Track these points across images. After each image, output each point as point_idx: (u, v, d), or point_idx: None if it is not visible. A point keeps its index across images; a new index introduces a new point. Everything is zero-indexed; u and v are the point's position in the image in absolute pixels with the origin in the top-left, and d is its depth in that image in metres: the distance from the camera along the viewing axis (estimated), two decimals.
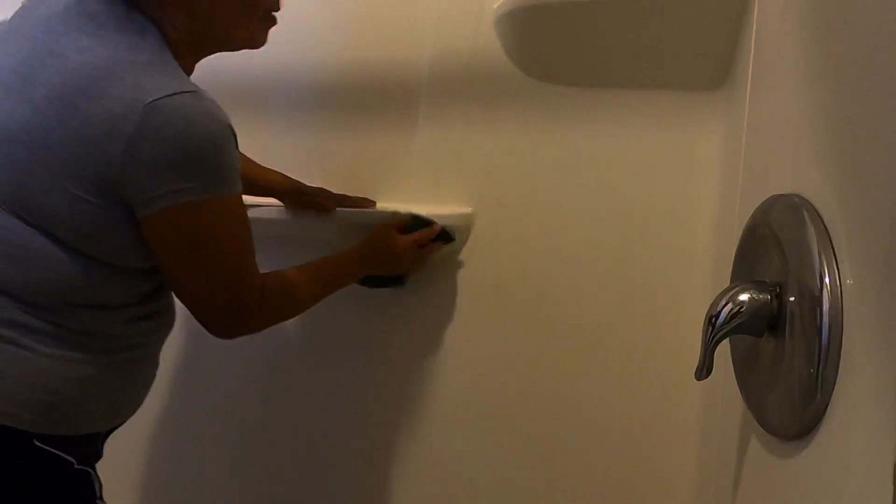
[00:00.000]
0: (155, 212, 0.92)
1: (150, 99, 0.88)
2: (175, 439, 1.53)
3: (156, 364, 1.08)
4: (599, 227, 1.25)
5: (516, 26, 1.23)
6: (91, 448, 1.03)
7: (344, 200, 1.30)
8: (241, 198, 0.99)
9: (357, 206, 1.30)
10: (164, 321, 1.07)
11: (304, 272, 1.14)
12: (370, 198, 1.32)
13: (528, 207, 1.28)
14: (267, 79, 1.40)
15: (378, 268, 1.26)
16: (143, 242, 0.96)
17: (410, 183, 1.32)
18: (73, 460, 0.99)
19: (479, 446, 1.34)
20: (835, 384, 0.63)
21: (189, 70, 1.00)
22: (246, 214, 1.01)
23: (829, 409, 0.63)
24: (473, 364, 1.33)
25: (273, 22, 1.05)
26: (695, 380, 0.81)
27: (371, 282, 1.31)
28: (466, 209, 1.30)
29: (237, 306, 1.03)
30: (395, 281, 1.32)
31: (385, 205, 1.32)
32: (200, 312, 1.03)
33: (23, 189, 0.92)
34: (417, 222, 1.27)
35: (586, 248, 1.26)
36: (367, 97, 1.36)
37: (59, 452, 0.97)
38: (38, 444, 0.95)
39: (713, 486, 1.06)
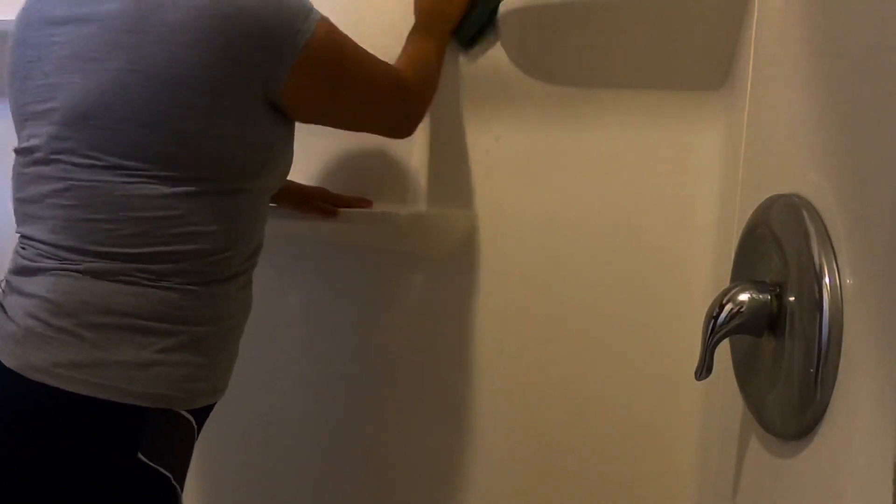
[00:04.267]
0: (289, 69, 0.93)
1: None
2: None
3: None
4: (599, 227, 1.25)
5: (516, 26, 1.23)
6: None
7: (340, 200, 1.30)
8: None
9: (352, 207, 1.30)
10: None
11: (406, 55, 1.16)
12: (369, 198, 1.32)
13: (529, 207, 1.28)
14: None
15: (434, 12, 1.23)
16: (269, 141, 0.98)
17: (410, 183, 1.32)
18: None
19: (478, 446, 1.34)
20: (835, 384, 0.63)
21: None
22: None
23: (829, 409, 0.63)
24: (472, 363, 1.33)
25: None
26: (695, 380, 0.81)
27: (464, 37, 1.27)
28: (467, 209, 1.30)
29: (404, 96, 1.10)
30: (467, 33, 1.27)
31: (380, 205, 1.31)
32: (383, 125, 1.12)
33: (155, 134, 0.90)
34: None
35: (586, 248, 1.26)
36: None
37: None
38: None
39: (713, 486, 1.06)
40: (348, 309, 1.40)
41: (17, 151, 0.97)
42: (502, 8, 1.22)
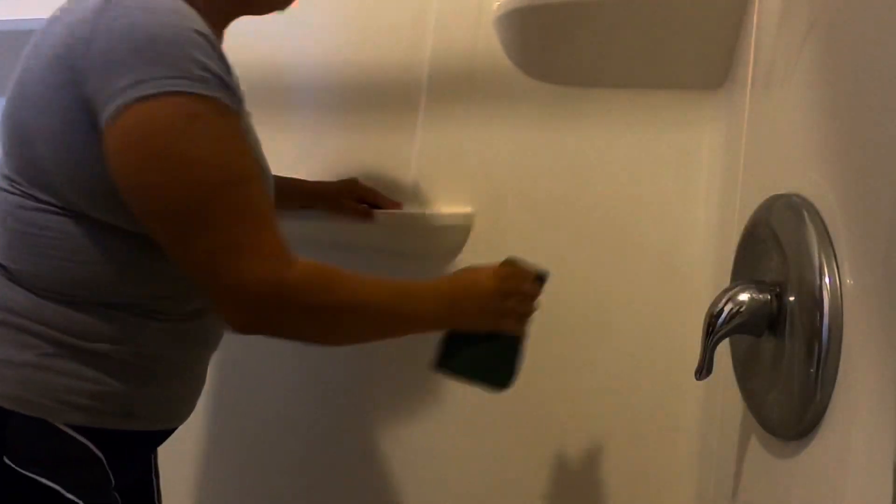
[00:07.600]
0: (113, 113, 0.77)
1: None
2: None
3: None
4: (599, 226, 1.25)
5: (516, 26, 1.23)
6: None
7: (376, 197, 1.29)
8: (228, 108, 0.80)
9: (384, 207, 1.29)
10: None
11: (368, 277, 0.91)
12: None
13: (528, 207, 1.28)
14: (266, 79, 1.40)
15: (466, 311, 1.01)
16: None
17: (410, 183, 1.32)
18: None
19: (478, 446, 1.34)
20: (835, 384, 0.63)
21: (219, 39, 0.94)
22: (243, 135, 0.83)
23: (829, 409, 0.63)
24: None
25: None
26: (695, 380, 0.81)
27: (462, 367, 1.05)
28: (466, 209, 1.30)
29: (249, 278, 0.79)
30: (496, 375, 1.06)
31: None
32: (215, 285, 0.83)
33: (29, 154, 0.86)
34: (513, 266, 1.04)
35: (586, 248, 1.26)
36: (366, 97, 1.36)
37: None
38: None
39: (713, 486, 1.06)
40: None
41: None
42: (501, 8, 1.22)
